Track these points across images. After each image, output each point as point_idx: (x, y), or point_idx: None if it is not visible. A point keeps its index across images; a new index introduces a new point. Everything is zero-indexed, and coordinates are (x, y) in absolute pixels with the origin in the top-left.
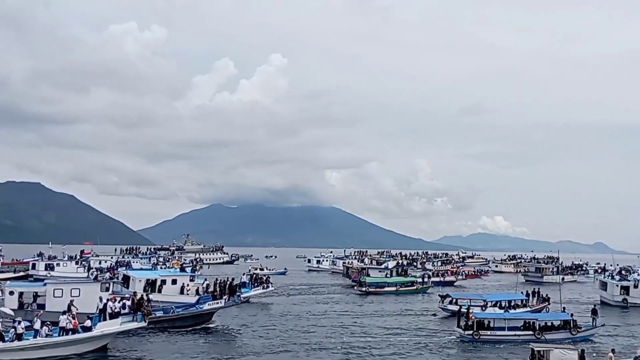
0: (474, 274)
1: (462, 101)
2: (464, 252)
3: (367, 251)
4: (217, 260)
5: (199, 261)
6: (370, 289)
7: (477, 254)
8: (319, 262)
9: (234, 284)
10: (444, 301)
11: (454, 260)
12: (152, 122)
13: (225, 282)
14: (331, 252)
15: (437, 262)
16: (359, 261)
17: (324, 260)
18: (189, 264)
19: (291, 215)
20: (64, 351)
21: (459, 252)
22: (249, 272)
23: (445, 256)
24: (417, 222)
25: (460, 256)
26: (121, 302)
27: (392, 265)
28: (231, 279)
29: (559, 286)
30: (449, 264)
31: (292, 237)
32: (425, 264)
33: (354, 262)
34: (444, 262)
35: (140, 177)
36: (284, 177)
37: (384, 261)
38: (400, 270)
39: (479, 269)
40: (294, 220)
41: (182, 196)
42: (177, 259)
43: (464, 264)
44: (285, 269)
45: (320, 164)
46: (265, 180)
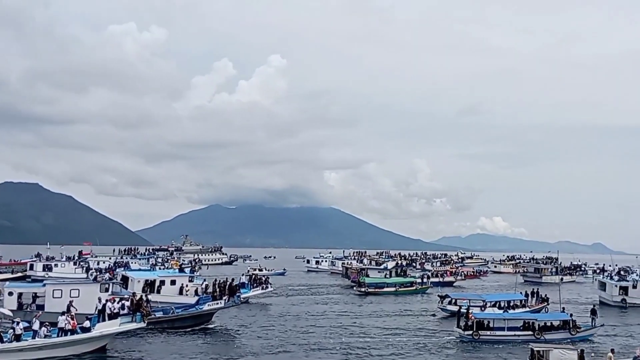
0: (473, 274)
1: (461, 101)
2: (463, 253)
3: (366, 252)
4: (216, 260)
5: (197, 262)
6: (369, 290)
7: (476, 255)
8: (318, 262)
9: (233, 284)
10: (443, 301)
11: (453, 260)
12: (151, 123)
13: (224, 282)
14: (330, 252)
15: (436, 263)
16: (358, 262)
17: (323, 260)
18: (187, 264)
19: (290, 215)
20: (62, 352)
21: (457, 253)
22: (248, 272)
23: (444, 257)
24: (416, 223)
25: (459, 257)
26: (120, 303)
27: (391, 265)
28: (230, 279)
29: (558, 286)
30: (448, 264)
31: (291, 237)
32: (424, 264)
33: (353, 263)
34: (443, 262)
35: (138, 177)
36: (282, 177)
37: (383, 262)
38: (399, 270)
39: (478, 270)
40: (293, 220)
41: (180, 197)
42: (175, 259)
43: (463, 264)
44: (284, 270)
45: (319, 164)
46: (264, 180)
